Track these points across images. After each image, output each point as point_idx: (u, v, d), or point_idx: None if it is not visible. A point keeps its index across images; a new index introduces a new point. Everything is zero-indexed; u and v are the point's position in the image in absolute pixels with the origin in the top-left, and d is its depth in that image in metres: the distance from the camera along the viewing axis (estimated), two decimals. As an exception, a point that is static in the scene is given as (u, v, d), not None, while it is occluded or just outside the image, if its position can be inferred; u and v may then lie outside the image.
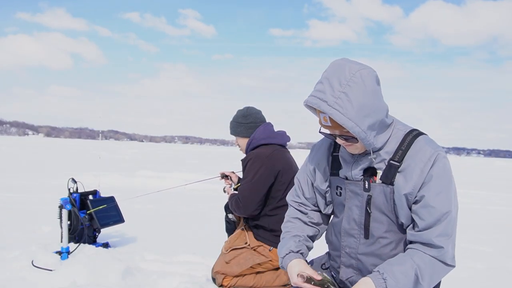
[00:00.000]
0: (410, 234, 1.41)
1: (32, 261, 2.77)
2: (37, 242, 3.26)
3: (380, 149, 1.42)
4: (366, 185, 1.44)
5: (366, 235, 1.49)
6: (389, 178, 1.40)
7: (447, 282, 3.10)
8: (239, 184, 3.03)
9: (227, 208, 3.09)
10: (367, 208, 1.45)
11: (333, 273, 1.68)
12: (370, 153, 1.42)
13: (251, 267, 2.62)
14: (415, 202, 1.39)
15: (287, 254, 1.57)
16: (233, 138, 2.86)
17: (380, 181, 1.42)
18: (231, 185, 3.01)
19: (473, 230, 5.41)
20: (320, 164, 1.62)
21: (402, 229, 1.46)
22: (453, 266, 1.38)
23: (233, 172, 3.06)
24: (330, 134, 1.42)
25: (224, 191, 3.00)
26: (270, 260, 2.62)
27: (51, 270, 2.67)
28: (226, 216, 3.10)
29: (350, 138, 1.36)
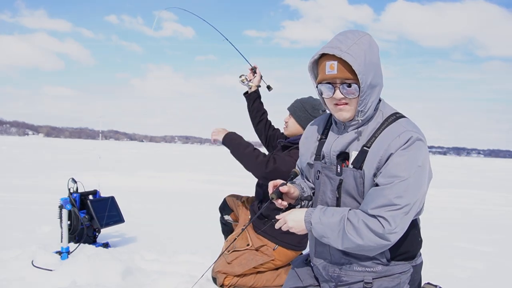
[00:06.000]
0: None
1: (32, 261, 2.77)
2: (37, 242, 3.26)
3: (363, 124, 1.47)
4: (338, 169, 1.49)
5: None
6: (359, 162, 1.44)
7: (447, 282, 3.10)
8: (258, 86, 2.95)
9: (222, 210, 3.04)
10: (337, 191, 1.51)
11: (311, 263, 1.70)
12: (358, 119, 1.43)
13: (253, 267, 2.60)
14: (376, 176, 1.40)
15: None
16: None
17: (351, 166, 1.46)
18: (250, 80, 2.93)
19: (473, 230, 5.42)
20: (309, 146, 1.67)
21: None
22: (384, 238, 1.35)
23: (256, 67, 2.97)
24: (330, 84, 1.41)
25: (242, 81, 2.93)
26: (273, 260, 2.60)
27: (51, 270, 2.67)
28: (222, 218, 3.05)
29: (351, 88, 1.38)
